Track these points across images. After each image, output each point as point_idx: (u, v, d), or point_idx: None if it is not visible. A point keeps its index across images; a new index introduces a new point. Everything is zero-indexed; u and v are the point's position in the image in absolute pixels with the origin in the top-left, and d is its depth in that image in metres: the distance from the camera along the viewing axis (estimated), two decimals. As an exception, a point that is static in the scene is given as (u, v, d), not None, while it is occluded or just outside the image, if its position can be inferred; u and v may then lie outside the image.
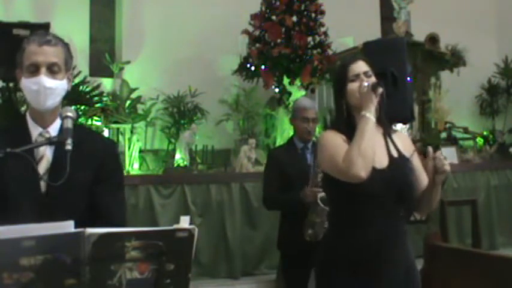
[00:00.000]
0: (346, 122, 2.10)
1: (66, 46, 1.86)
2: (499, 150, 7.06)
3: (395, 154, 2.08)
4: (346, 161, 1.94)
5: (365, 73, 2.08)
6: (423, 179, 2.05)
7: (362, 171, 1.91)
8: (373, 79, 2.07)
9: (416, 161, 2.10)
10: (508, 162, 6.49)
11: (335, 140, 2.06)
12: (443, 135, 6.92)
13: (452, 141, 6.83)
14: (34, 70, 1.78)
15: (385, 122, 2.12)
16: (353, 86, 2.07)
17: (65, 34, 2.17)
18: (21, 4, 5.93)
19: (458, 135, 7.17)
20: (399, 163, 2.04)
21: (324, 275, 2.13)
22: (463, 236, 5.58)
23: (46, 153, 1.79)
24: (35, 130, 1.82)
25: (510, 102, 8.18)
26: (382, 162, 2.03)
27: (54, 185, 1.72)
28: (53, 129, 1.84)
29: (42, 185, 1.77)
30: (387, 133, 2.12)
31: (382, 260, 2.00)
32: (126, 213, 2.00)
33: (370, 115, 2.00)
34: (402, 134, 2.22)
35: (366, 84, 2.03)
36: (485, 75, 8.19)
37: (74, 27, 5.87)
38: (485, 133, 7.76)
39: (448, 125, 6.95)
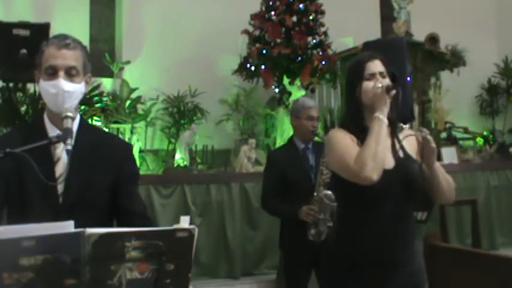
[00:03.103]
0: (356, 121, 2.08)
1: (84, 49, 1.87)
2: (499, 150, 7.05)
3: (401, 155, 2.06)
4: (358, 163, 1.92)
5: (381, 73, 2.06)
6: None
7: (374, 173, 1.90)
8: (387, 80, 2.05)
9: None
10: (508, 162, 6.48)
11: (345, 140, 2.04)
12: (443, 135, 6.92)
13: (452, 141, 6.83)
14: (52, 73, 1.79)
15: (395, 123, 2.09)
16: (368, 85, 2.04)
17: (65, 34, 2.17)
18: (21, 4, 5.93)
19: (458, 135, 7.16)
20: (405, 164, 2.03)
21: (330, 277, 2.12)
22: (463, 236, 5.58)
23: (63, 156, 1.79)
24: (52, 131, 1.83)
25: (510, 102, 8.17)
26: (389, 163, 2.01)
27: (71, 186, 1.76)
28: None
29: (59, 186, 1.78)
30: (395, 134, 2.10)
31: (389, 261, 1.99)
32: None
33: (383, 117, 1.98)
34: (409, 134, 2.17)
35: (379, 85, 2.00)
36: (485, 75, 8.18)
37: (74, 27, 5.83)
38: (485, 133, 7.75)
39: (448, 125, 6.95)
